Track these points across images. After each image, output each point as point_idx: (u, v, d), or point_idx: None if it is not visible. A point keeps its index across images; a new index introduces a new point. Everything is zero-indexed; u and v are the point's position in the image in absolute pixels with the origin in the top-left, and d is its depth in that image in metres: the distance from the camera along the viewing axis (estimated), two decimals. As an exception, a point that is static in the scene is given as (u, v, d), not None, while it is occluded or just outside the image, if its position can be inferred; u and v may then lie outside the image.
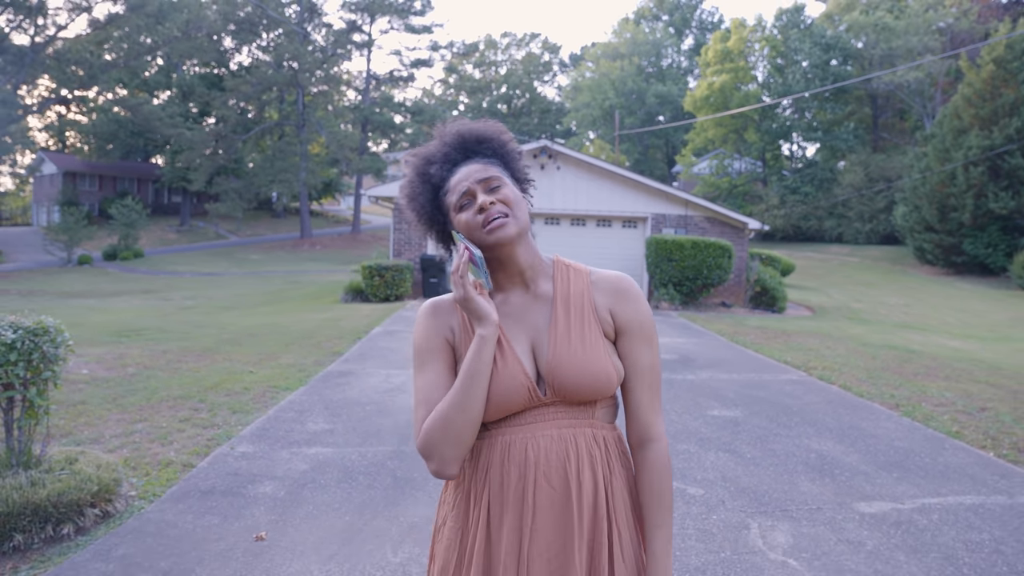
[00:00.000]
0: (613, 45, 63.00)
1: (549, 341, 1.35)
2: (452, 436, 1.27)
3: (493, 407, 1.31)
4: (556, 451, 1.31)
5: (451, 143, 1.44)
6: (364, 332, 10.17)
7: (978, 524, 3.91)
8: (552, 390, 1.33)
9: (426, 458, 1.29)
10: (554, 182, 16.73)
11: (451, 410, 1.28)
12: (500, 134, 1.46)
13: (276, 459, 4.58)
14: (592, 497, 1.32)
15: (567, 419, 1.34)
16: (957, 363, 9.15)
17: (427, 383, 1.34)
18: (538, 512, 1.30)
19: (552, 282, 1.43)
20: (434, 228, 1.47)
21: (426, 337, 1.39)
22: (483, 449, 1.35)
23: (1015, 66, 27.90)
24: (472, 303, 1.30)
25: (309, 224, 43.09)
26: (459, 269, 1.31)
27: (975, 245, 28.38)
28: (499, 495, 1.32)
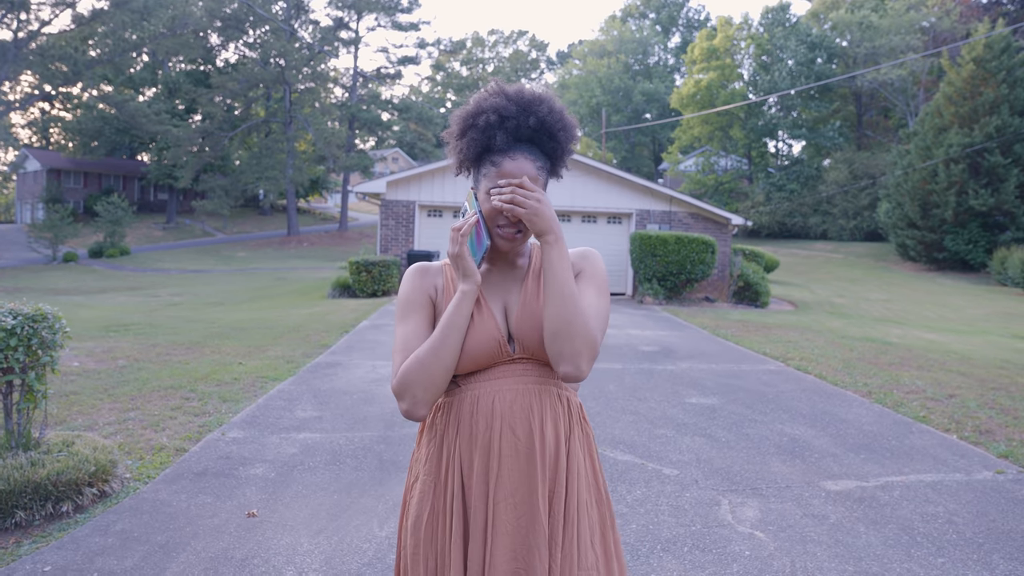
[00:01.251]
0: (600, 43, 63.24)
1: (520, 304, 1.51)
2: (426, 379, 1.41)
3: (466, 358, 1.46)
4: (521, 404, 1.46)
5: (532, 123, 1.48)
6: (351, 326, 10.31)
7: (935, 499, 4.11)
8: (520, 346, 1.49)
9: (399, 397, 1.43)
10: (540, 178, 16.88)
11: (427, 355, 1.42)
12: (571, 140, 1.54)
13: (266, 444, 4.73)
14: (554, 449, 1.47)
15: (533, 377, 1.49)
16: (931, 354, 9.40)
17: (408, 332, 1.49)
18: (503, 460, 1.44)
19: (528, 259, 1.60)
20: (464, 163, 1.55)
21: (412, 292, 1.54)
22: (454, 404, 1.50)
23: (994, 66, 28.33)
24: (462, 260, 1.45)
25: (296, 221, 43.07)
26: (462, 228, 1.45)
27: (956, 241, 28.80)
28: (468, 445, 1.47)
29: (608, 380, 7.13)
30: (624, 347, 9.35)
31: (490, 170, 1.49)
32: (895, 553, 3.39)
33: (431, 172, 16.93)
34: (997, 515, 3.92)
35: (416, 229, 16.88)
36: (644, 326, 11.73)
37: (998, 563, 3.35)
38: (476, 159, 1.53)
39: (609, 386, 6.88)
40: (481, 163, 1.52)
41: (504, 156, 1.47)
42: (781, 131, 48.26)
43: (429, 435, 1.55)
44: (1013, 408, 6.33)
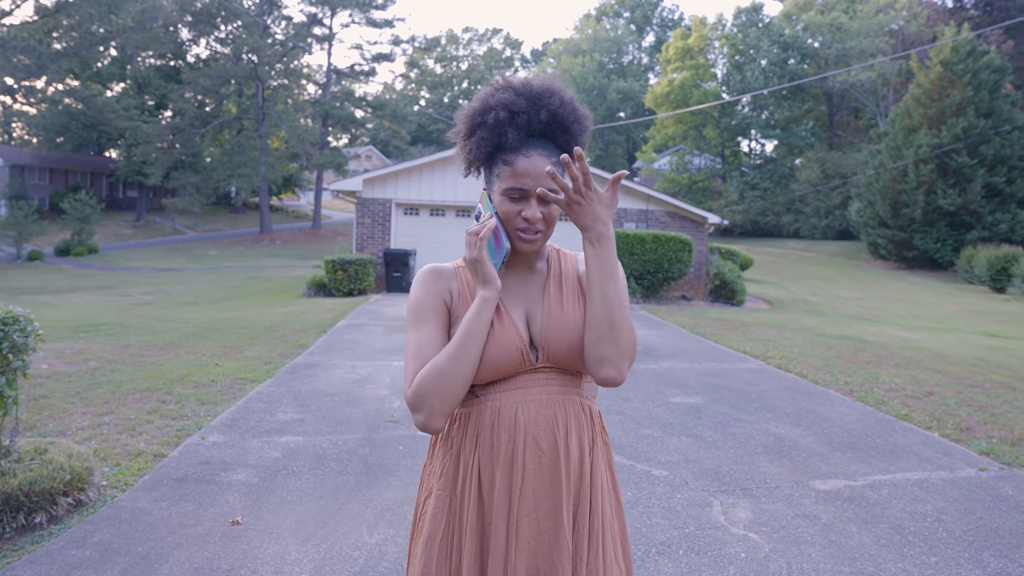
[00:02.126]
0: (575, 41, 63.37)
1: (544, 311, 1.44)
2: (444, 390, 1.33)
3: (487, 368, 1.38)
4: (545, 416, 1.39)
5: (544, 118, 1.42)
6: (329, 325, 10.17)
7: (923, 497, 4.12)
8: (545, 355, 1.42)
9: (415, 409, 1.35)
10: (517, 177, 16.82)
11: (446, 365, 1.34)
12: (585, 132, 1.47)
13: (247, 448, 4.61)
14: (578, 461, 1.40)
15: (556, 386, 1.42)
16: (907, 352, 9.50)
17: (422, 339, 1.41)
18: (527, 474, 1.37)
19: (547, 263, 1.53)
20: (473, 163, 1.49)
21: (425, 296, 1.45)
22: (472, 416, 1.42)
23: (960, 68, 28.82)
24: (483, 265, 1.38)
25: (269, 219, 42.58)
26: (480, 232, 1.38)
27: (925, 240, 29.28)
28: (489, 459, 1.39)
29: (591, 380, 7.08)
30: (604, 346, 9.29)
31: (503, 170, 1.42)
32: (889, 553, 3.38)
33: (408, 170, 16.79)
34: (984, 513, 3.94)
35: (393, 227, 16.74)
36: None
37: (989, 561, 3.36)
38: (487, 159, 1.46)
39: (592, 386, 6.83)
40: (493, 163, 1.45)
41: (517, 154, 1.40)
42: (754, 130, 48.74)
43: (444, 448, 1.47)
44: (990, 405, 6.41)
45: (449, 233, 17.02)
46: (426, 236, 16.95)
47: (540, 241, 1.43)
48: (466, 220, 17.12)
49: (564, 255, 1.56)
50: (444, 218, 17.11)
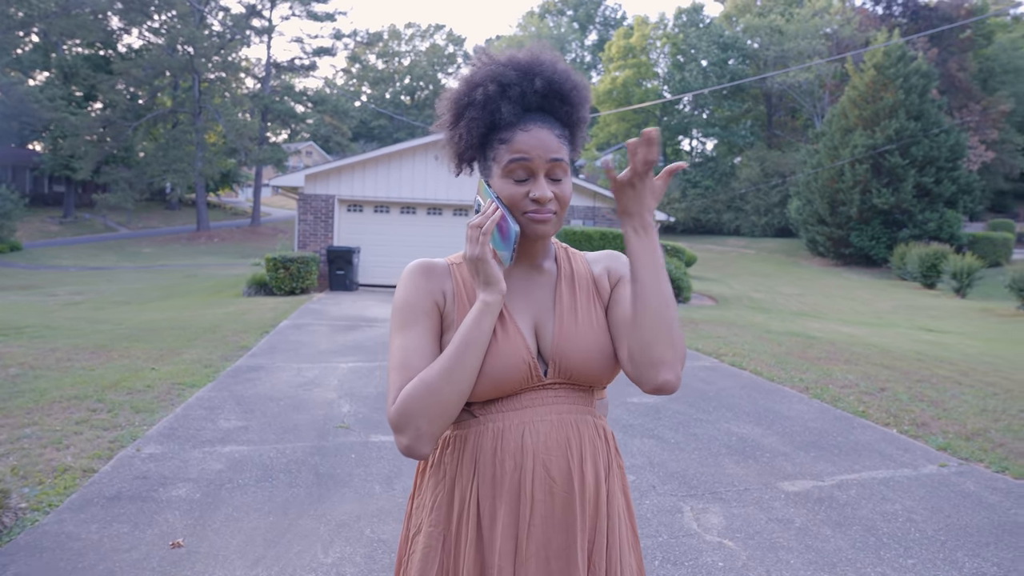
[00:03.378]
0: (518, 38, 63.31)
1: (556, 318, 1.25)
2: (435, 408, 1.13)
3: (488, 383, 1.18)
4: (556, 438, 1.19)
5: (539, 86, 1.23)
6: (271, 326, 9.77)
7: (891, 496, 4.08)
8: (556, 370, 1.22)
9: (399, 430, 1.14)
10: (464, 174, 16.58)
11: (438, 379, 1.14)
12: (585, 103, 1.28)
13: (188, 459, 4.28)
14: (594, 490, 1.21)
15: (567, 404, 1.23)
16: (854, 348, 9.63)
17: (409, 347, 1.20)
18: (536, 506, 1.17)
19: (555, 262, 1.33)
20: (465, 152, 1.29)
21: (415, 297, 1.24)
22: (470, 439, 1.21)
23: (892, 72, 29.76)
24: (486, 265, 1.18)
25: (206, 216, 41.27)
26: (483, 225, 1.18)
27: (861, 238, 30.13)
28: (490, 489, 1.18)
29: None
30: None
31: (500, 150, 1.22)
32: (866, 556, 3.30)
33: (351, 166, 16.38)
34: (951, 510, 3.91)
35: (336, 224, 16.30)
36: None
37: (963, 561, 3.31)
38: (481, 143, 1.26)
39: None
40: (487, 146, 1.25)
41: (515, 130, 1.21)
42: (695, 129, 49.52)
43: (435, 477, 1.25)
44: (940, 400, 6.48)
45: (394, 230, 16.68)
46: (371, 233, 16.56)
47: (554, 224, 1.23)
48: (411, 217, 16.80)
49: (573, 254, 1.37)
50: (389, 215, 16.75)
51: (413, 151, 16.53)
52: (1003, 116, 39.48)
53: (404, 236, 16.71)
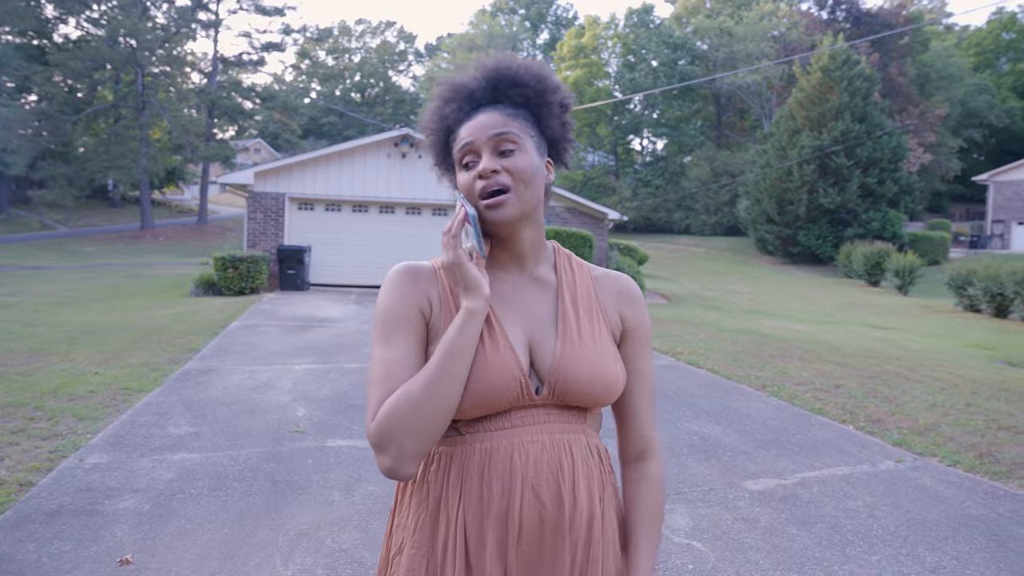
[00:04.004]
0: (470, 36, 63.13)
1: (558, 335, 1.16)
2: (418, 425, 1.04)
3: (474, 400, 1.09)
4: (548, 461, 1.11)
5: (482, 79, 1.20)
6: (221, 327, 9.48)
7: (852, 493, 4.11)
8: (552, 391, 1.13)
9: (380, 450, 1.05)
10: (416, 171, 16.42)
11: (422, 393, 1.05)
12: (542, 79, 1.21)
13: (136, 469, 4.08)
14: (587, 518, 1.13)
15: (560, 423, 1.14)
16: (807, 345, 9.79)
17: (391, 359, 1.11)
18: (524, 533, 1.09)
19: (554, 269, 1.25)
20: (446, 174, 1.26)
21: (398, 304, 1.15)
22: (456, 458, 1.13)
23: (837, 75, 30.55)
24: (462, 269, 1.10)
25: (151, 214, 40.06)
26: (451, 229, 1.11)
27: (808, 236, 30.84)
28: (478, 512, 1.10)
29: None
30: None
31: (453, 148, 1.21)
32: (833, 555, 3.30)
33: (303, 163, 16.05)
34: (910, 505, 3.96)
35: (286, 223, 15.95)
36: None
37: (925, 556, 3.35)
38: (444, 151, 1.24)
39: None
40: (449, 152, 1.24)
41: (462, 125, 1.19)
42: (646, 129, 50.04)
43: (419, 496, 1.16)
44: (893, 396, 6.61)
45: (347, 229, 16.41)
46: (322, 232, 16.27)
47: (512, 204, 1.14)
48: (363, 215, 16.55)
49: (576, 263, 1.27)
50: (340, 213, 16.47)
51: (365, 149, 16.29)
52: (939, 120, 40.91)
53: (356, 235, 16.46)
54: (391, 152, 16.28)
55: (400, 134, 16.43)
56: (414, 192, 16.40)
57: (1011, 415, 6.00)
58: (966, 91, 46.96)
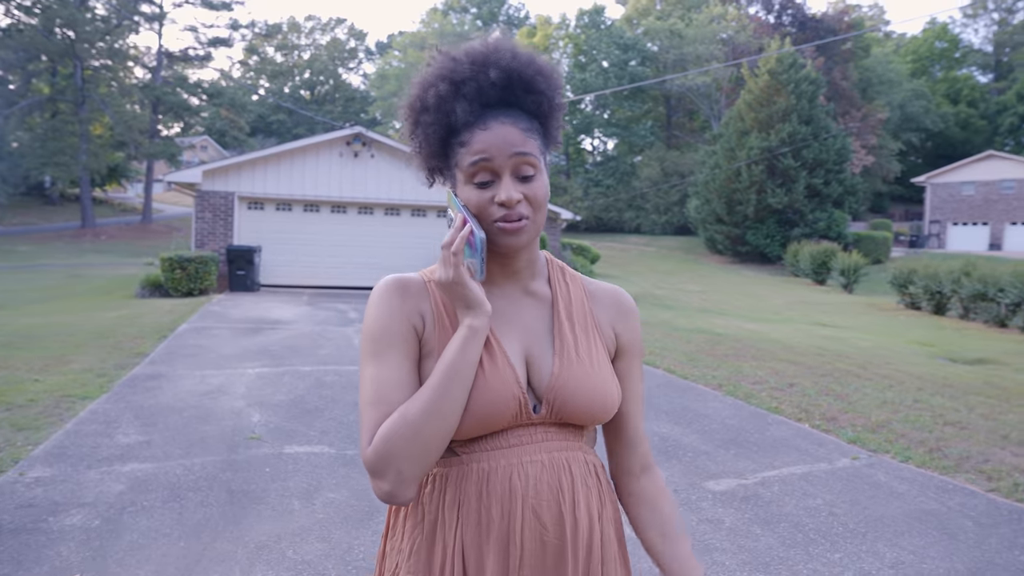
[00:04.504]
0: (421, 35, 62.73)
1: (555, 351, 1.11)
2: (417, 449, 1.00)
3: (473, 420, 1.04)
4: (548, 481, 1.07)
5: (495, 77, 1.08)
6: (170, 330, 9.21)
7: (812, 491, 4.18)
8: (551, 409, 1.09)
9: (377, 475, 1.00)
10: (368, 170, 16.23)
11: (421, 415, 1.00)
12: (554, 88, 1.13)
13: (83, 482, 3.91)
14: (587, 538, 1.09)
15: (558, 441, 1.10)
16: (759, 344, 9.96)
17: (384, 378, 1.05)
18: (526, 557, 1.05)
19: (548, 283, 1.19)
20: (428, 163, 1.15)
21: (389, 320, 1.09)
22: (452, 479, 1.08)
23: (784, 78, 31.25)
24: (463, 287, 1.04)
25: (92, 213, 38.77)
26: (453, 244, 1.04)
27: (756, 236, 31.46)
28: (476, 536, 1.05)
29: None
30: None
31: (460, 154, 1.08)
32: (796, 554, 3.34)
33: (252, 161, 15.71)
34: (868, 502, 4.03)
35: (236, 223, 15.58)
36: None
37: (884, 552, 3.41)
38: (442, 149, 1.12)
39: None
40: (449, 152, 1.11)
41: (473, 129, 1.07)
42: (597, 129, 50.40)
43: (413, 519, 1.10)
44: (845, 394, 6.76)
45: (297, 228, 16.12)
46: (273, 232, 15.94)
47: (528, 231, 1.08)
48: (315, 215, 16.28)
49: (570, 275, 1.23)
50: (291, 213, 16.17)
51: (317, 147, 16.02)
52: (880, 123, 42.22)
53: (308, 235, 16.19)
54: (343, 151, 16.05)
55: (352, 133, 16.21)
56: (366, 192, 16.20)
57: (955, 411, 6.19)
58: (904, 96, 48.56)
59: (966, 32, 70.14)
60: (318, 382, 6.55)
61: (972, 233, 40.11)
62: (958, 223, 40.88)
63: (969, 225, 40.51)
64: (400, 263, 16.71)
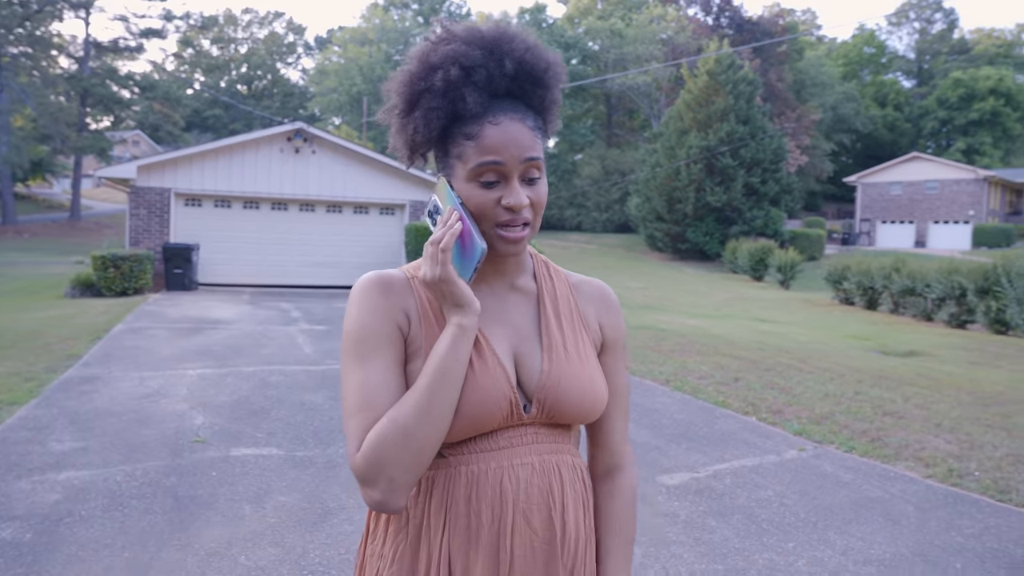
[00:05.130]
0: (362, 30, 62.02)
1: (543, 349, 1.08)
2: (409, 454, 0.95)
3: (464, 422, 1.00)
4: (538, 485, 1.04)
5: (508, 70, 1.04)
6: (104, 330, 8.85)
7: (762, 483, 4.26)
8: (542, 410, 1.06)
9: (368, 483, 0.96)
10: (309, 167, 15.94)
11: (412, 419, 0.96)
12: (560, 82, 1.10)
13: (12, 493, 3.71)
14: (575, 542, 1.07)
15: (548, 443, 1.07)
16: (702, 340, 10.14)
17: (371, 382, 1.00)
18: (516, 562, 1.02)
19: (533, 278, 1.15)
20: (420, 146, 1.08)
21: (373, 320, 1.03)
22: (438, 483, 1.03)
23: (723, 79, 31.95)
24: (451, 285, 0.99)
25: (14, 209, 37.05)
26: (442, 240, 0.99)
27: (696, 233, 32.06)
28: (465, 543, 1.02)
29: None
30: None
31: (465, 147, 1.02)
32: (752, 544, 3.40)
33: (189, 157, 15.25)
34: (816, 492, 4.13)
35: (172, 220, 15.09)
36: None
37: (835, 539, 3.50)
38: (441, 136, 1.06)
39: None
40: (449, 140, 1.05)
41: (482, 122, 1.02)
42: (539, 127, 50.59)
43: (396, 523, 1.06)
44: (788, 387, 6.92)
45: (236, 226, 15.72)
46: (211, 229, 15.50)
47: (527, 237, 1.06)
48: (255, 212, 15.91)
49: (555, 271, 1.19)
50: (231, 210, 15.75)
51: (257, 143, 15.64)
52: (813, 124, 43.56)
53: (248, 232, 15.81)
54: (284, 147, 15.71)
55: (294, 128, 15.89)
56: (308, 189, 15.90)
57: (893, 401, 6.41)
58: (836, 98, 50.25)
59: (892, 39, 73.22)
60: (263, 382, 6.38)
61: (899, 231, 41.77)
62: (887, 221, 42.52)
63: (897, 223, 42.18)
64: (343, 261, 16.46)
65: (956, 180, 40.44)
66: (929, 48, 65.60)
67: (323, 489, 3.91)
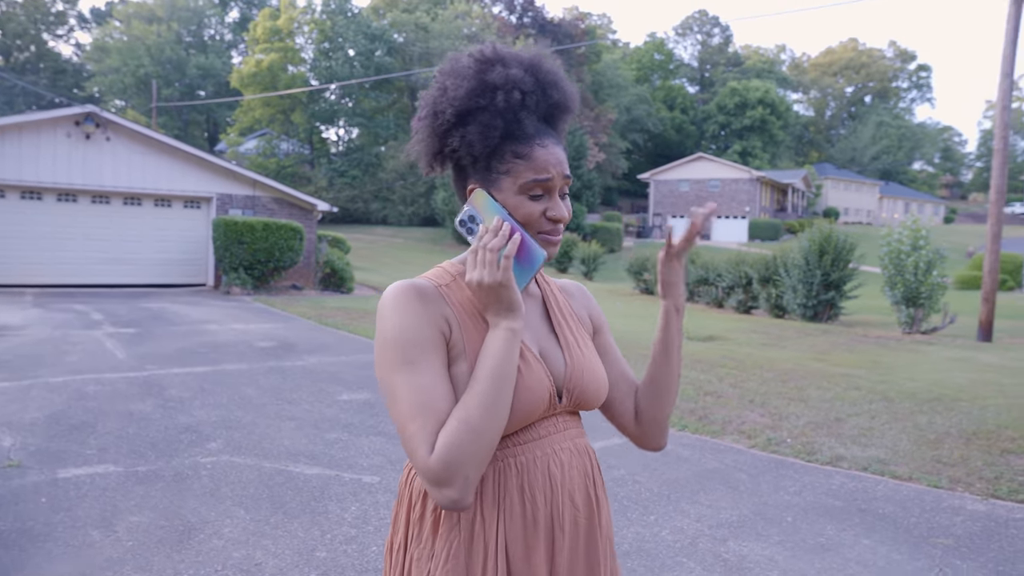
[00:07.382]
0: (149, 6, 57.06)
1: (562, 346, 1.20)
2: (482, 453, 1.00)
3: (516, 417, 1.08)
4: (578, 467, 1.17)
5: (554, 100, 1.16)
6: None
7: (613, 463, 4.55)
8: (571, 399, 1.17)
9: (445, 483, 0.98)
10: (103, 155, 14.50)
11: (482, 419, 1.00)
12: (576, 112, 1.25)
13: None
14: (606, 514, 1.21)
15: (573, 429, 1.19)
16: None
17: (425, 385, 1.03)
18: (567, 539, 1.12)
19: (536, 283, 1.27)
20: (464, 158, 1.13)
21: (418, 326, 1.07)
22: (488, 477, 1.09)
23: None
24: (510, 291, 1.06)
25: None
26: (506, 247, 1.06)
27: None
28: (522, 531, 1.09)
29: (242, 383, 6.47)
30: (239, 344, 8.58)
31: (515, 164, 1.11)
32: (617, 520, 3.62)
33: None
34: (663, 468, 4.50)
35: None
36: (246, 320, 10.95)
37: (688, 509, 3.84)
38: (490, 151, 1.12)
39: (247, 390, 6.22)
40: (495, 156, 1.12)
41: (531, 144, 1.11)
42: (341, 118, 49.39)
43: (448, 523, 1.09)
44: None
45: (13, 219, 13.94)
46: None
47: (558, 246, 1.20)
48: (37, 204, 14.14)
49: (546, 278, 1.32)
50: (6, 200, 13.93)
51: (38, 125, 13.93)
52: (610, 123, 46.47)
53: (29, 226, 14.07)
54: (72, 131, 14.12)
55: (83, 111, 14.32)
56: (102, 179, 14.44)
57: (710, 382, 7.08)
58: (630, 100, 53.97)
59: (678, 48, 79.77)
60: (78, 393, 5.75)
61: (687, 225, 45.81)
62: (676, 216, 46.40)
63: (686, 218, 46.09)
64: (143, 257, 15.18)
65: (735, 179, 45.05)
66: (710, 58, 72.50)
67: (179, 504, 3.63)
